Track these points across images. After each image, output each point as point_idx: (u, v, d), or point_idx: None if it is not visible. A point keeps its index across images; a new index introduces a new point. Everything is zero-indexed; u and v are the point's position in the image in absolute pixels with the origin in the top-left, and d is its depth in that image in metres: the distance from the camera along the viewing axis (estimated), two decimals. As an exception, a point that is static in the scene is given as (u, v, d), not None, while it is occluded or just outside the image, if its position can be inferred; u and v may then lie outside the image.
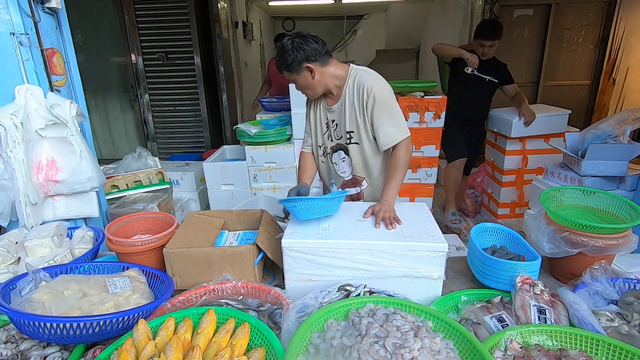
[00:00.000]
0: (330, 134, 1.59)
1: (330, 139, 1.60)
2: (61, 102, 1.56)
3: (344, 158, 1.59)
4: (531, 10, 4.83)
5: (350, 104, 1.48)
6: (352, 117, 1.49)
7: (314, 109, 1.62)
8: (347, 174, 1.62)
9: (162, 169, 2.64)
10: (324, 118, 1.59)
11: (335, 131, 1.57)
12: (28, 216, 1.52)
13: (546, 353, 0.88)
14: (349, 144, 1.55)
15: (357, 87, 1.46)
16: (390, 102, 1.46)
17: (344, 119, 1.51)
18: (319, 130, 1.63)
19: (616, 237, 1.16)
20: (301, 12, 7.83)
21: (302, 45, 1.38)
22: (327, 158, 1.64)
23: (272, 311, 1.06)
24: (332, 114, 1.55)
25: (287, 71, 1.44)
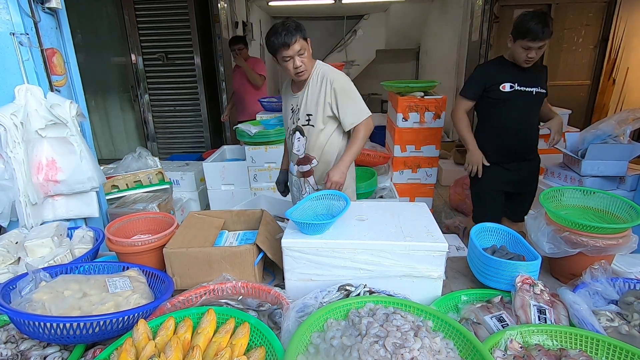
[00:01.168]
0: (294, 117, 1.82)
1: (293, 122, 1.83)
2: (61, 102, 1.56)
3: (299, 138, 1.82)
4: (531, 10, 4.83)
5: (313, 92, 1.73)
6: (312, 102, 1.73)
7: (285, 97, 1.89)
8: (301, 152, 1.85)
9: (162, 169, 2.64)
10: (290, 104, 1.84)
11: (297, 115, 1.80)
12: (28, 216, 1.52)
13: (546, 353, 0.88)
14: (305, 125, 1.78)
15: (320, 78, 1.72)
16: (350, 89, 1.72)
17: (305, 104, 1.75)
18: (287, 115, 1.88)
19: (616, 237, 1.16)
20: (301, 12, 7.83)
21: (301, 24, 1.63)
22: (290, 138, 1.88)
23: (272, 311, 1.06)
24: (297, 100, 1.79)
25: (303, 39, 1.61)
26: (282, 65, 1.67)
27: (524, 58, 1.95)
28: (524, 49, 1.93)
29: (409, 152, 3.21)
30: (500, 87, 2.05)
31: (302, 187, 1.93)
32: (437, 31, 6.58)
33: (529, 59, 1.95)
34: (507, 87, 2.05)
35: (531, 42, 1.89)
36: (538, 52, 1.94)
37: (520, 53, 1.95)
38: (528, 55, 1.94)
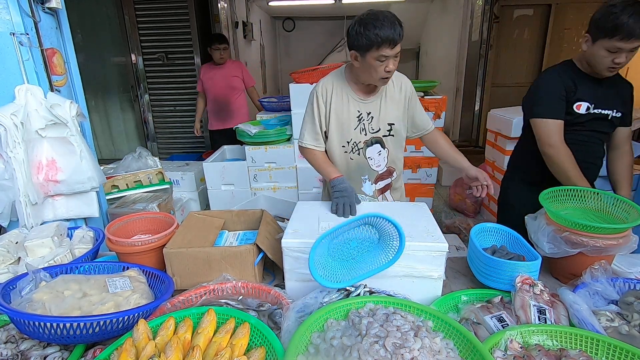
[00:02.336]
0: (364, 127, 1.52)
1: (364, 133, 1.53)
2: (61, 102, 1.56)
3: (380, 151, 1.57)
4: (531, 10, 4.84)
5: (392, 97, 1.52)
6: (393, 109, 1.53)
7: (337, 103, 1.50)
8: (382, 167, 1.61)
9: (162, 169, 2.64)
10: (355, 111, 1.50)
11: (370, 124, 1.52)
12: (28, 216, 1.52)
13: (546, 353, 0.88)
14: (386, 136, 1.55)
15: (396, 82, 1.53)
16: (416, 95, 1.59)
17: (385, 111, 1.52)
18: (347, 125, 1.52)
19: (616, 237, 1.16)
20: (301, 12, 7.83)
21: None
22: (361, 154, 1.56)
23: (272, 311, 1.06)
24: (368, 106, 1.51)
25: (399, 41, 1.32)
26: (367, 63, 1.34)
27: (608, 65, 1.42)
28: (609, 52, 1.40)
29: (409, 152, 3.21)
30: (575, 107, 1.51)
31: None
32: (437, 31, 6.58)
33: (615, 65, 1.41)
34: (583, 108, 1.51)
35: (623, 42, 1.35)
36: (629, 56, 1.40)
37: (603, 58, 1.41)
38: (614, 61, 1.40)
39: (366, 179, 1.61)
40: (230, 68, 3.69)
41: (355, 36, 1.33)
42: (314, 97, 1.52)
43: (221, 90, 3.70)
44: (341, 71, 1.54)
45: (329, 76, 1.54)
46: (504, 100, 4.96)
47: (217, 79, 3.68)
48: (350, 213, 1.28)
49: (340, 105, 1.50)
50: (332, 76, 1.54)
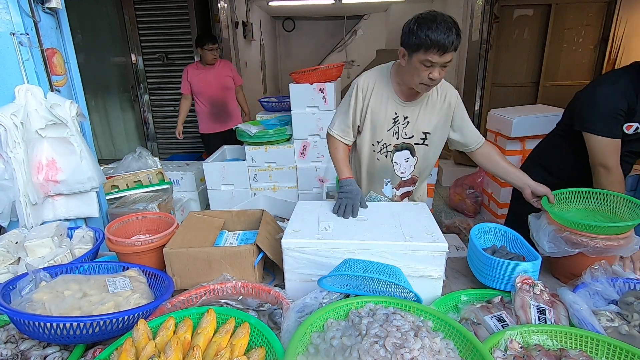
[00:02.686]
0: (397, 130, 1.47)
1: (396, 136, 1.48)
2: (61, 102, 1.56)
3: (408, 158, 1.52)
4: (531, 10, 4.83)
5: (434, 106, 1.45)
6: (432, 119, 1.46)
7: (377, 101, 1.45)
8: (407, 175, 1.56)
9: (162, 169, 2.64)
10: (392, 112, 1.45)
11: (405, 128, 1.47)
12: (28, 216, 1.52)
13: (546, 353, 0.88)
14: (419, 144, 1.50)
15: (441, 91, 1.45)
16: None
17: (423, 118, 1.46)
18: (381, 125, 1.47)
19: (617, 238, 1.16)
20: (301, 12, 7.84)
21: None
22: (388, 156, 1.52)
23: (272, 311, 1.06)
24: (406, 110, 1.45)
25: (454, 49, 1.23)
26: (412, 64, 1.27)
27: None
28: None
29: (409, 152, 3.21)
30: (625, 127, 1.36)
31: None
32: (437, 31, 6.56)
33: None
34: (632, 129, 1.35)
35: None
36: None
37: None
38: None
39: (388, 182, 1.58)
40: (221, 68, 3.57)
41: (408, 33, 1.27)
42: (354, 89, 1.47)
43: (217, 92, 3.57)
44: (387, 68, 1.47)
45: (374, 70, 1.49)
46: (504, 100, 4.95)
47: (210, 80, 3.51)
48: (351, 215, 1.26)
49: (379, 104, 1.45)
50: (376, 72, 1.48)
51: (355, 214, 1.27)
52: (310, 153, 3.08)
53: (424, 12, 1.26)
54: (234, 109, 3.73)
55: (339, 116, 1.52)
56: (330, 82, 2.92)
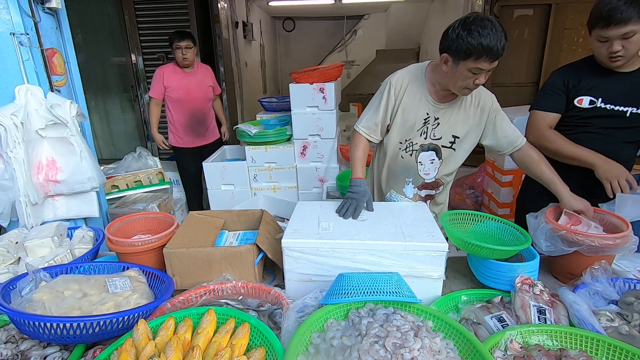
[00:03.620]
0: (425, 130, 1.46)
1: (424, 137, 1.47)
2: (61, 102, 1.56)
3: (433, 160, 1.50)
4: (531, 10, 4.83)
5: (467, 110, 1.43)
6: (465, 124, 1.44)
7: (410, 99, 1.43)
8: (430, 177, 1.54)
9: (162, 169, 2.65)
10: (424, 113, 1.44)
11: (434, 129, 1.45)
12: (28, 216, 1.52)
13: (546, 353, 0.88)
14: (447, 147, 1.47)
15: (475, 96, 1.43)
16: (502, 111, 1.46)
17: (454, 122, 1.44)
18: (411, 124, 1.46)
19: (613, 238, 1.16)
20: (301, 12, 7.83)
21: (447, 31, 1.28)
22: (413, 155, 1.50)
23: (272, 311, 1.06)
24: (439, 112, 1.43)
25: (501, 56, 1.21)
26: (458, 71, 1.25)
27: (606, 55, 1.37)
28: (600, 42, 1.37)
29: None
30: (576, 101, 1.49)
31: None
32: (438, 31, 6.56)
33: (613, 55, 1.35)
34: (585, 102, 1.47)
35: (605, 29, 1.32)
36: (626, 44, 1.32)
37: (599, 48, 1.39)
38: (610, 50, 1.34)
39: (410, 181, 1.55)
40: (203, 75, 3.18)
41: (455, 39, 1.21)
42: (386, 87, 1.45)
43: (199, 103, 3.16)
44: (422, 68, 1.45)
45: (407, 70, 1.47)
46: (504, 100, 4.93)
47: (193, 88, 3.10)
48: (352, 216, 1.24)
49: (411, 104, 1.44)
50: (410, 71, 1.46)
51: (356, 216, 1.25)
52: (310, 153, 3.08)
53: (471, 16, 1.20)
54: (211, 123, 3.37)
55: (368, 113, 1.50)
56: (330, 82, 2.92)
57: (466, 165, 4.33)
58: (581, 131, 1.52)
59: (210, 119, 3.33)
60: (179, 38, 2.97)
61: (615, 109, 1.45)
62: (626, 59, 1.37)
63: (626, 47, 1.33)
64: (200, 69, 3.18)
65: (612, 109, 1.45)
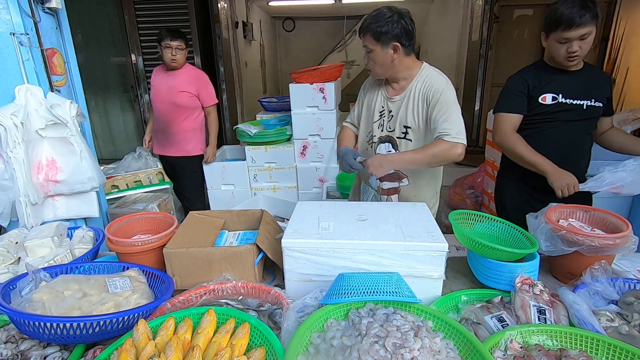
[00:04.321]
0: (382, 123, 1.57)
1: (381, 129, 1.58)
2: (61, 102, 1.56)
3: (390, 151, 1.57)
4: (531, 10, 4.84)
5: (415, 100, 1.48)
6: (414, 113, 1.49)
7: (371, 95, 1.61)
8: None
9: (162, 169, 2.65)
10: (380, 106, 1.57)
11: (389, 122, 1.55)
12: (28, 216, 1.52)
13: (546, 353, 0.88)
14: (401, 138, 1.53)
15: (425, 85, 1.46)
16: (454, 106, 1.42)
17: (404, 113, 1.50)
18: (370, 117, 1.61)
19: (613, 237, 1.16)
20: (301, 12, 7.83)
21: (403, 23, 1.40)
22: (372, 147, 1.62)
23: (272, 311, 1.06)
24: (392, 104, 1.53)
25: (373, 39, 1.40)
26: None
27: (564, 55, 1.52)
28: (560, 43, 1.51)
29: (409, 152, 3.21)
30: (540, 99, 1.61)
31: None
32: (437, 31, 6.57)
33: (570, 55, 1.50)
34: (549, 99, 1.60)
35: (567, 31, 1.46)
36: (582, 44, 1.48)
37: (559, 49, 1.52)
38: (569, 50, 1.49)
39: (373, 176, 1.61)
40: (181, 78, 2.72)
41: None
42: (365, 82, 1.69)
43: (162, 106, 2.76)
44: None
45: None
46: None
47: (162, 89, 2.73)
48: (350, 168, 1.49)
49: (371, 98, 1.60)
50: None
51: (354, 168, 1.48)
52: (310, 153, 3.08)
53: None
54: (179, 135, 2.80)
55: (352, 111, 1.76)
56: (330, 82, 2.92)
57: (466, 165, 4.35)
58: (548, 127, 1.65)
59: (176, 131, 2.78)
60: (171, 37, 2.60)
61: (574, 102, 1.60)
62: (580, 58, 1.54)
63: (582, 47, 1.50)
64: (185, 74, 2.74)
65: (572, 103, 1.60)
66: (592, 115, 1.62)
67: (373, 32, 1.38)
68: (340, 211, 1.32)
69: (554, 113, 1.61)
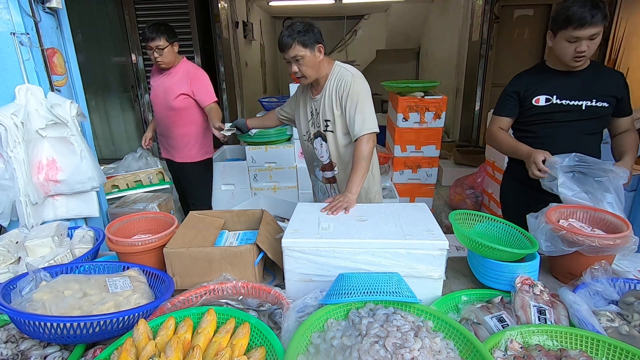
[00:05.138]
0: (313, 121, 1.76)
1: (314, 127, 1.76)
2: (61, 101, 1.56)
3: (322, 144, 1.76)
4: (531, 10, 4.84)
5: (329, 95, 1.64)
6: (329, 107, 1.65)
7: (303, 98, 1.79)
8: (325, 159, 1.79)
9: (162, 168, 2.64)
10: (309, 107, 1.76)
11: (316, 119, 1.74)
12: (28, 216, 1.52)
13: (546, 353, 0.88)
14: (325, 131, 1.71)
15: (337, 80, 1.62)
16: (362, 98, 1.58)
17: (323, 108, 1.68)
18: (305, 118, 1.79)
19: (613, 238, 1.16)
20: (301, 12, 7.84)
21: (315, 28, 1.56)
22: (310, 143, 1.81)
23: (272, 311, 1.06)
24: (315, 103, 1.71)
25: (301, 45, 1.53)
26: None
27: (572, 54, 1.49)
28: (569, 42, 1.48)
29: (409, 152, 3.22)
30: (534, 101, 1.62)
31: (328, 193, 1.89)
32: (438, 31, 6.58)
33: (579, 54, 1.48)
34: (542, 101, 1.61)
35: (578, 30, 1.43)
36: (590, 44, 1.46)
37: (567, 48, 1.50)
38: (577, 50, 1.47)
39: (317, 165, 1.86)
40: (176, 78, 2.42)
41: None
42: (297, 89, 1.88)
43: (160, 110, 2.53)
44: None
45: None
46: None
47: (159, 92, 2.48)
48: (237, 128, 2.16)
49: (305, 100, 1.77)
50: None
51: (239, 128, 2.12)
52: (310, 153, 3.08)
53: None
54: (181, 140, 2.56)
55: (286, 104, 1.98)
56: (330, 82, 2.91)
57: (466, 165, 4.34)
58: (543, 128, 1.66)
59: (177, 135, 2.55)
60: (149, 39, 2.29)
61: (570, 103, 1.59)
62: (587, 58, 1.53)
63: (590, 47, 1.48)
64: (180, 71, 2.45)
65: (568, 104, 1.59)
66: (593, 115, 1.58)
67: (300, 41, 1.52)
68: (340, 212, 1.32)
69: (548, 114, 1.62)
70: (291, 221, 1.25)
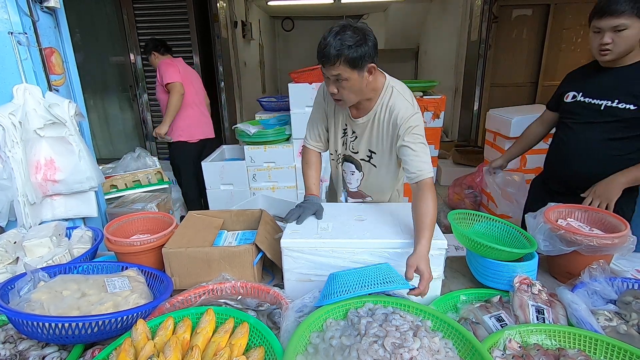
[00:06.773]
0: (345, 141, 1.44)
1: (345, 147, 1.45)
2: (60, 101, 1.56)
3: (354, 172, 1.49)
4: (530, 10, 4.84)
5: (380, 125, 1.32)
6: (379, 139, 1.35)
7: (334, 109, 1.40)
8: (353, 187, 1.54)
9: (161, 168, 2.64)
10: (343, 124, 1.41)
11: (353, 142, 1.41)
12: (26, 216, 1.52)
13: (545, 352, 0.88)
14: (365, 161, 1.43)
15: (389, 110, 1.28)
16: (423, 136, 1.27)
17: (369, 137, 1.36)
18: (335, 134, 1.45)
19: (611, 237, 1.16)
20: (300, 12, 7.83)
21: (369, 39, 1.14)
22: (340, 164, 1.52)
23: (271, 311, 1.06)
24: (356, 126, 1.37)
25: (348, 65, 1.13)
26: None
27: (597, 47, 1.40)
28: (594, 32, 1.40)
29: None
30: (565, 97, 1.58)
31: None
32: (437, 31, 6.58)
33: (602, 47, 1.37)
34: (570, 97, 1.56)
35: (598, 20, 1.35)
36: (616, 37, 1.34)
37: (592, 40, 1.42)
38: (600, 42, 1.37)
39: (343, 188, 1.60)
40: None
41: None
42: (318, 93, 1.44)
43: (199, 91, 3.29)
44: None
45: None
46: (503, 100, 4.96)
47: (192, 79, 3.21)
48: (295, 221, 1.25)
49: (336, 112, 1.41)
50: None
51: (300, 222, 1.24)
52: (309, 153, 3.07)
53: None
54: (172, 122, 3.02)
55: (310, 126, 1.49)
56: (329, 82, 2.91)
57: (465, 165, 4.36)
58: (565, 126, 1.59)
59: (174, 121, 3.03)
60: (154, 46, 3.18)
61: (592, 102, 1.48)
62: (614, 54, 1.38)
63: (616, 41, 1.35)
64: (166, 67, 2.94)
65: (590, 102, 1.49)
66: (613, 118, 1.41)
67: (349, 60, 1.12)
68: (339, 212, 1.32)
69: (571, 112, 1.55)
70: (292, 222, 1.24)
